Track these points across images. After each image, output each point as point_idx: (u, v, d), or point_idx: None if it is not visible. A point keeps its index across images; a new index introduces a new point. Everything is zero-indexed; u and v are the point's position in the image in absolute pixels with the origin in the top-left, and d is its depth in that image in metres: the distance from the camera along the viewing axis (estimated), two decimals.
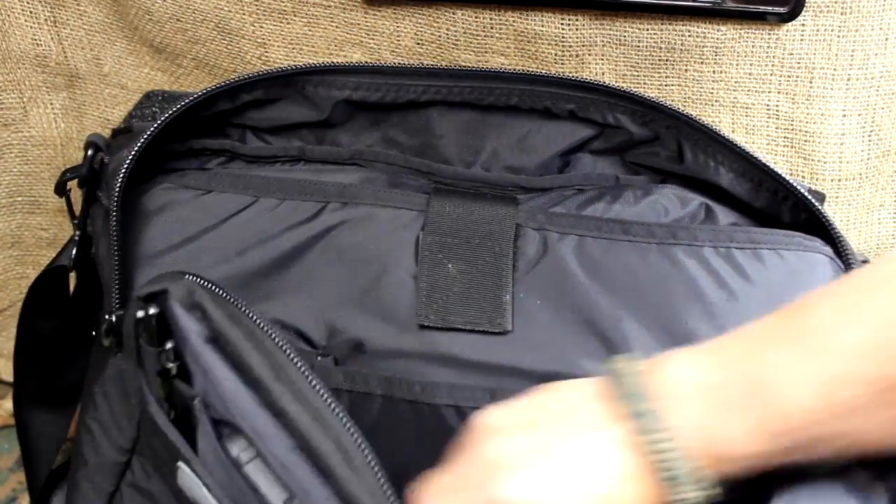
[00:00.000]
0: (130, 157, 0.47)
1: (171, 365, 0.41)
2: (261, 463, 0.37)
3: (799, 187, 0.48)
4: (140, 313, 0.40)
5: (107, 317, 0.45)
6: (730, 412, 0.34)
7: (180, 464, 0.40)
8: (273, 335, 0.39)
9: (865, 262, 0.48)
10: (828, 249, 0.47)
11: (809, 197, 0.48)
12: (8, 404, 0.73)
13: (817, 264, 0.47)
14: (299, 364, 0.38)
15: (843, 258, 0.47)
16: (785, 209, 0.49)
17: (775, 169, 0.48)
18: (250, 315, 0.40)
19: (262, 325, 0.39)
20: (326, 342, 0.48)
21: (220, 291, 0.41)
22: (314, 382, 0.37)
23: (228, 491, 0.38)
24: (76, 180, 0.48)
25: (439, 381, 0.48)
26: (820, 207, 0.48)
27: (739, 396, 0.34)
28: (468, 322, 0.47)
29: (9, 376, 0.74)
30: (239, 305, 0.40)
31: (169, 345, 0.40)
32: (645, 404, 0.35)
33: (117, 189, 0.46)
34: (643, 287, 0.47)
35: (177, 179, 0.50)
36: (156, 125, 0.47)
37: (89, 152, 0.48)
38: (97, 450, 0.47)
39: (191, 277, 0.41)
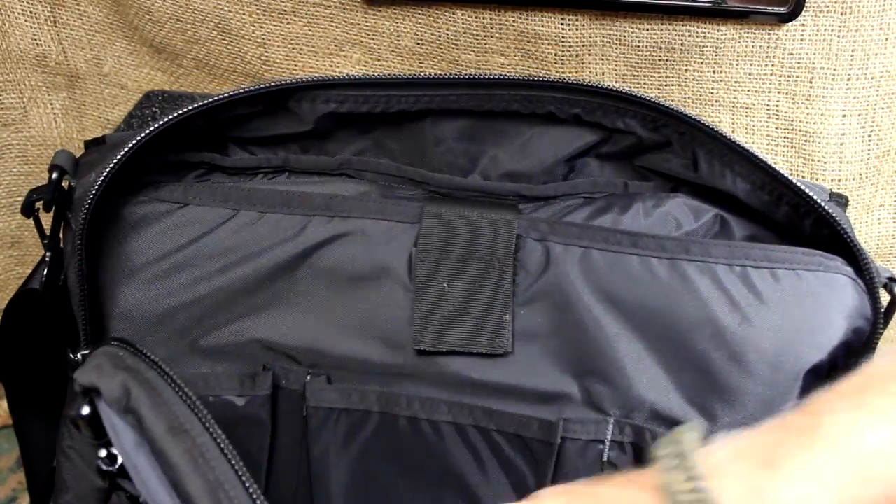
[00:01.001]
0: (97, 184, 0.44)
1: (109, 469, 0.38)
2: None
3: (820, 195, 0.46)
4: (72, 412, 0.38)
5: (72, 356, 0.44)
6: (776, 467, 0.32)
7: None
8: (212, 433, 0.35)
9: (891, 278, 0.45)
10: (849, 269, 0.45)
11: (832, 213, 0.45)
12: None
13: (837, 286, 0.45)
14: (245, 482, 0.34)
15: (866, 278, 0.45)
16: (807, 224, 0.47)
17: (797, 183, 0.45)
18: (186, 398, 0.36)
19: (200, 414, 0.35)
20: (315, 362, 0.47)
21: (154, 369, 0.37)
22: (258, 499, 0.34)
23: None
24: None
25: (439, 398, 0.47)
26: (844, 226, 0.45)
27: (789, 449, 0.32)
28: (466, 344, 0.45)
29: None
30: (175, 385, 0.37)
31: (103, 452, 0.38)
32: (690, 456, 0.33)
33: (83, 218, 0.44)
34: (651, 305, 0.45)
35: (151, 192, 0.47)
36: (125, 150, 0.44)
37: (54, 175, 0.45)
38: (79, 477, 0.45)
39: (128, 355, 0.38)
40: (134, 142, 0.44)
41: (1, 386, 0.76)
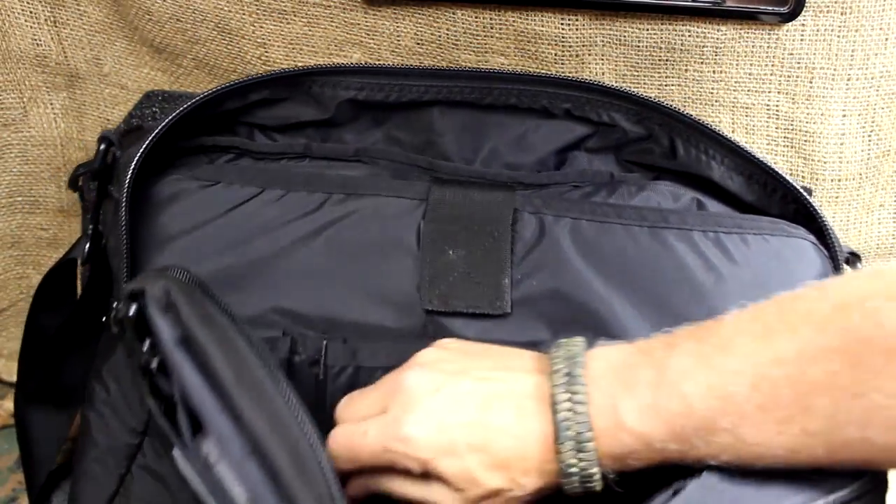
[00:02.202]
0: (142, 150, 0.48)
1: (150, 363, 0.41)
2: (226, 464, 0.37)
3: (788, 179, 0.50)
4: (121, 312, 0.41)
5: (115, 304, 0.46)
6: (631, 389, 0.38)
7: (175, 451, 0.40)
8: (246, 335, 0.38)
9: (852, 253, 0.50)
10: (811, 237, 0.49)
11: (797, 185, 0.49)
12: (8, 404, 0.73)
13: (801, 249, 0.49)
14: (269, 365, 0.37)
15: (828, 246, 0.49)
16: (774, 201, 0.51)
17: (763, 159, 0.49)
18: (227, 311, 0.40)
19: (237, 323, 0.39)
20: (331, 327, 0.50)
21: (200, 288, 0.41)
22: (282, 385, 0.37)
23: (205, 484, 0.38)
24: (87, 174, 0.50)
25: None
26: (807, 196, 0.49)
27: (643, 377, 0.39)
28: (470, 305, 0.49)
29: (9, 376, 0.74)
30: (218, 302, 0.40)
31: (146, 345, 0.41)
32: (578, 368, 0.40)
33: (128, 179, 0.48)
34: (635, 269, 0.49)
35: (185, 171, 0.51)
36: (167, 120, 0.49)
37: (102, 146, 0.50)
38: (108, 432, 0.48)
39: (175, 272, 0.42)
40: (180, 110, 0.50)
41: (1, 386, 0.76)
